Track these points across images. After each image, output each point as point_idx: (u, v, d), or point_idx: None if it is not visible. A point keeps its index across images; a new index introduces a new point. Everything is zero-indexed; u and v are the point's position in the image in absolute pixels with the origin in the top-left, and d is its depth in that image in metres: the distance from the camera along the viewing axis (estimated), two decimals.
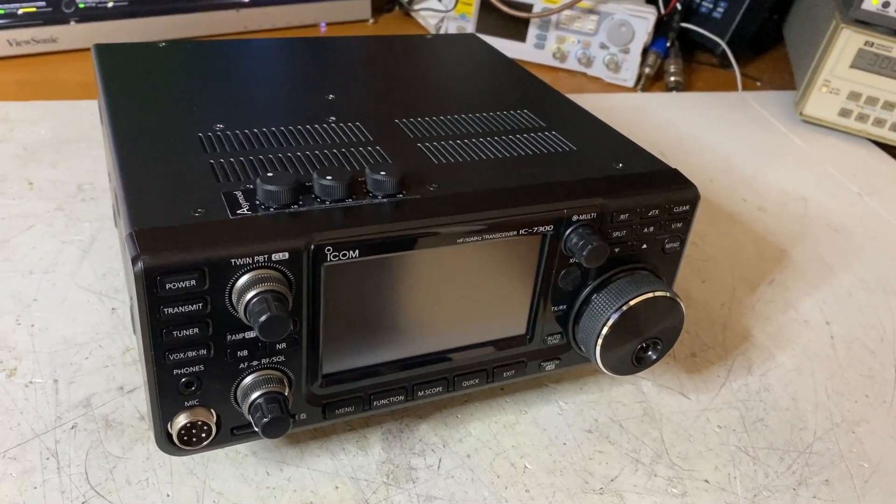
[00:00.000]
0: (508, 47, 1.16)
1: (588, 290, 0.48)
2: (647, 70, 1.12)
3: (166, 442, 0.41)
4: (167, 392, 0.39)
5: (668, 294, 0.48)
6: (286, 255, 0.38)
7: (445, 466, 0.52)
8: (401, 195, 0.43)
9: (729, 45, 1.21)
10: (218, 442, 0.42)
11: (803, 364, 0.65)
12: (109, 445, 0.49)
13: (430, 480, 0.50)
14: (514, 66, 0.68)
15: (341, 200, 0.41)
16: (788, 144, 1.05)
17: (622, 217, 0.46)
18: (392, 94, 0.58)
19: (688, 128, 1.05)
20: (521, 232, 0.44)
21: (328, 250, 0.39)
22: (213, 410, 0.42)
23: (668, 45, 1.17)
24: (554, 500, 0.50)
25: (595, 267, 0.47)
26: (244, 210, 0.40)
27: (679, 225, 0.48)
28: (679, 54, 1.18)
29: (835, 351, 0.67)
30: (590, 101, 1.07)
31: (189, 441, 0.41)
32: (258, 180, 0.40)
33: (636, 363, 0.50)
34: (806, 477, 0.54)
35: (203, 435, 0.41)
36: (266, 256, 0.38)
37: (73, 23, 1.03)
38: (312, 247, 0.39)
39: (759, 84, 1.24)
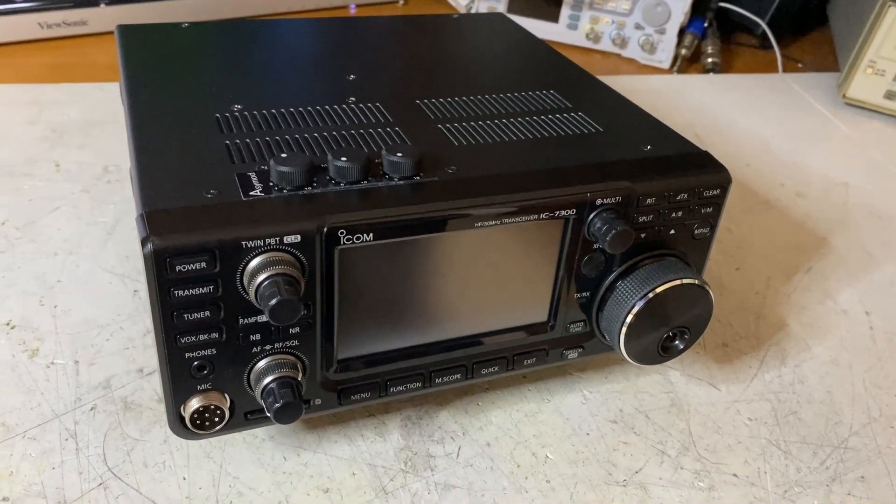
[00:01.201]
0: (540, 28, 1.13)
1: (613, 276, 0.47)
2: (683, 51, 1.09)
3: (179, 426, 0.41)
4: (179, 376, 0.39)
5: (696, 281, 0.46)
6: (298, 237, 0.37)
7: (465, 455, 0.51)
8: (418, 177, 0.41)
9: (769, 26, 1.17)
10: (231, 426, 0.42)
11: (840, 356, 0.62)
12: (127, 427, 0.49)
13: (448, 468, 0.50)
14: (541, 46, 0.66)
15: (356, 182, 0.40)
16: (830, 128, 1.01)
17: (649, 201, 0.44)
18: (414, 74, 0.57)
19: (725, 111, 1.02)
20: (543, 216, 0.42)
21: (341, 233, 0.38)
22: (226, 395, 0.41)
23: (705, 25, 1.13)
24: (575, 491, 0.49)
25: (619, 253, 0.45)
26: (257, 192, 0.39)
27: (709, 210, 0.47)
28: (717, 35, 1.14)
29: (874, 343, 0.64)
30: (623, 83, 1.05)
31: (202, 425, 0.41)
32: (272, 161, 0.39)
33: (662, 353, 0.48)
34: (840, 473, 0.52)
35: (216, 419, 0.41)
36: (278, 239, 0.37)
37: (102, 5, 1.03)
38: (325, 229, 0.38)
39: (800, 66, 1.20)
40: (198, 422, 0.40)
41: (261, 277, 0.36)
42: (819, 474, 0.52)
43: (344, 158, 0.40)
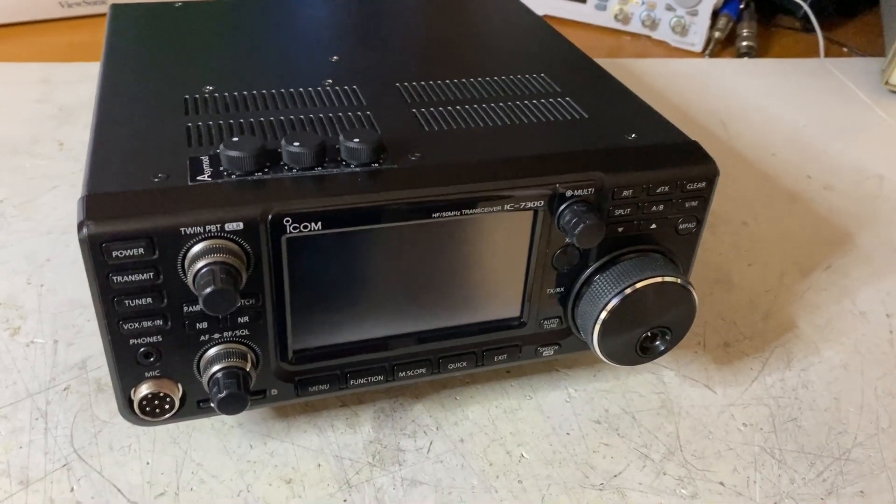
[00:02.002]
0: (567, 9, 1.10)
1: (589, 271, 0.44)
2: (716, 34, 1.04)
3: (129, 412, 0.40)
4: (125, 362, 0.38)
5: (677, 280, 0.43)
6: (240, 225, 0.36)
7: (436, 450, 0.49)
8: (376, 164, 0.40)
9: (812, 8, 1.11)
10: (182, 415, 0.41)
11: (852, 360, 0.59)
12: (98, 409, 0.49)
13: (417, 464, 0.48)
14: (542, 26, 0.63)
15: (310, 168, 0.39)
16: (870, 116, 0.95)
17: (625, 194, 0.42)
18: (401, 55, 0.55)
19: (756, 97, 0.97)
20: (507, 207, 0.40)
21: (287, 221, 0.37)
22: (178, 383, 0.40)
23: (741, 6, 1.08)
24: (548, 493, 0.47)
25: (590, 248, 0.43)
26: (205, 176, 0.38)
27: (694, 204, 0.44)
28: (754, 17, 1.09)
29: (892, 347, 0.60)
30: (651, 68, 1.01)
31: (152, 412, 0.40)
32: (221, 146, 0.38)
33: (641, 353, 0.46)
34: (838, 486, 0.49)
35: (166, 406, 0.40)
36: (218, 226, 0.36)
37: None
38: (270, 217, 0.36)
39: (845, 50, 1.14)
40: (147, 408, 0.40)
41: (198, 265, 0.35)
42: (814, 486, 0.49)
43: (297, 143, 0.38)
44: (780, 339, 0.60)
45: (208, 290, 0.34)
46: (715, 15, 1.04)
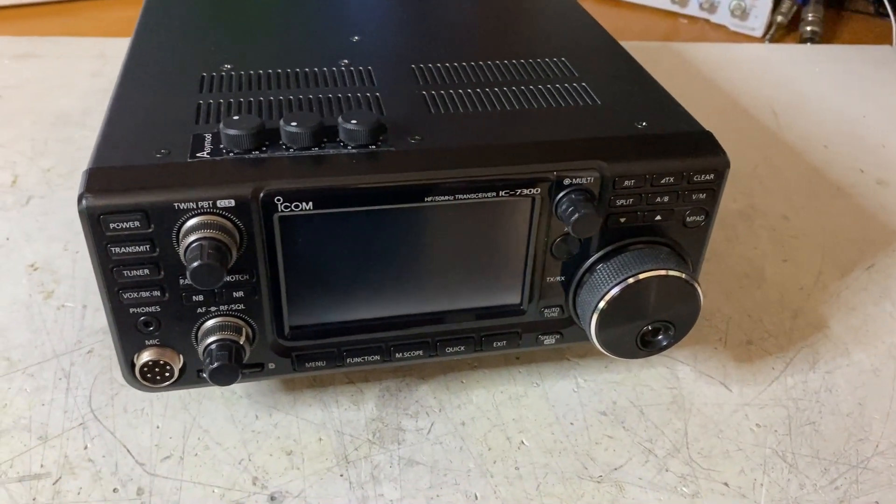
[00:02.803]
0: None
1: (592, 260, 0.44)
2: (779, 18, 1.00)
3: (131, 377, 0.42)
4: (125, 329, 0.40)
5: (681, 275, 0.42)
6: (232, 202, 0.37)
7: (436, 432, 0.50)
8: (373, 146, 0.40)
9: None
10: (182, 383, 0.43)
11: (885, 365, 0.56)
12: (116, 373, 0.52)
13: (416, 444, 0.49)
14: (574, 8, 0.62)
15: (307, 149, 0.39)
16: None
17: (627, 184, 0.41)
18: (421, 36, 0.55)
19: (815, 85, 0.92)
20: (503, 194, 0.40)
21: (278, 200, 0.37)
22: (179, 353, 0.42)
23: None
24: (544, 482, 0.47)
25: (587, 237, 0.42)
26: (204, 153, 0.39)
27: (702, 196, 0.42)
28: (821, 1, 1.03)
29: None
30: (704, 53, 0.97)
31: (152, 379, 0.42)
32: (221, 124, 0.39)
33: (642, 346, 0.45)
34: (851, 495, 0.47)
35: (166, 374, 0.42)
36: (210, 203, 0.37)
37: None
38: (262, 195, 0.37)
39: None
40: (148, 375, 0.41)
41: (189, 239, 0.36)
42: (825, 494, 0.47)
43: (294, 123, 0.39)
44: (807, 340, 0.58)
45: (195, 264, 0.35)
46: None
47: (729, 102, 0.87)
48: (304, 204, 0.38)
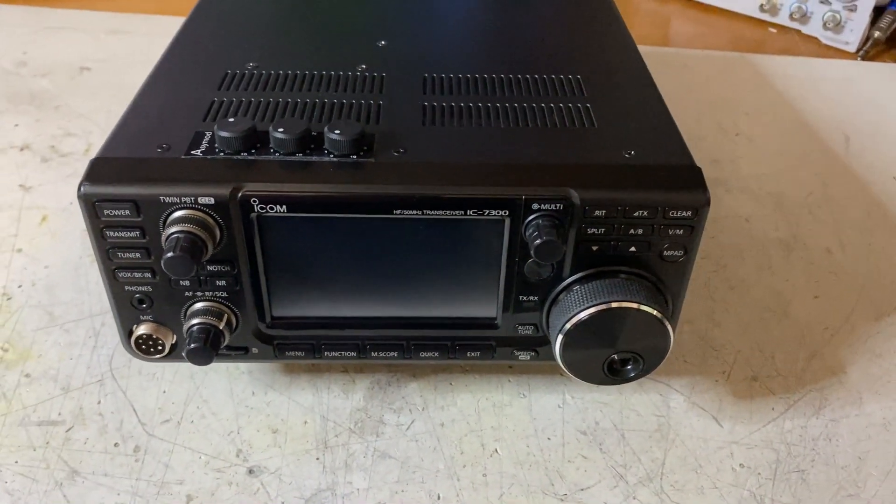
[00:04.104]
0: None
1: (568, 281, 0.44)
2: (876, 34, 0.93)
3: (127, 345, 0.46)
4: (122, 304, 0.44)
5: (652, 311, 0.42)
6: (212, 199, 0.40)
7: (415, 429, 0.52)
8: (355, 156, 0.42)
9: None
10: (173, 358, 0.47)
11: None
12: None
13: (393, 439, 0.51)
14: (611, 22, 0.61)
15: (292, 154, 0.42)
16: None
17: (597, 213, 0.41)
18: (446, 44, 0.56)
19: None
20: (471, 213, 0.41)
21: (254, 201, 0.40)
22: (173, 331, 0.46)
23: None
24: (507, 492, 0.48)
25: (550, 263, 0.42)
26: (198, 151, 0.42)
27: (679, 232, 0.42)
28: None
29: None
30: (786, 67, 0.93)
31: (147, 350, 0.46)
32: (215, 125, 0.42)
33: (608, 373, 0.45)
34: None
35: (159, 348, 0.46)
36: (192, 199, 0.40)
37: None
38: (239, 196, 0.40)
39: None
40: (142, 346, 0.46)
41: (169, 231, 0.39)
42: None
43: (281, 129, 0.41)
44: (819, 383, 0.55)
45: (167, 255, 0.38)
46: (879, 11, 0.93)
47: (798, 122, 0.83)
48: (278, 207, 0.40)
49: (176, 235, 0.39)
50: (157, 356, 0.46)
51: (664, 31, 1.00)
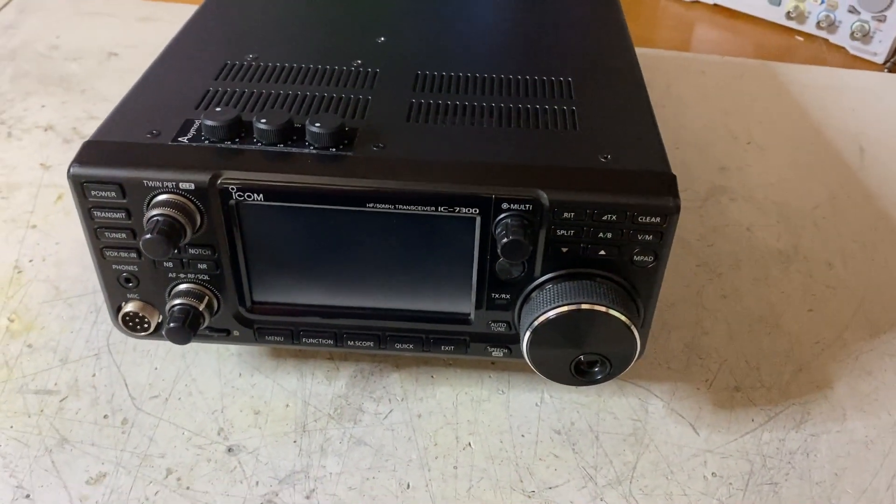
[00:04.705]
0: (740, 0, 1.02)
1: (539, 281, 0.44)
2: None
3: (115, 321, 0.48)
4: (110, 281, 0.46)
5: (619, 316, 0.42)
6: (192, 185, 0.41)
7: (392, 419, 0.53)
8: (334, 149, 0.43)
9: None
10: (158, 336, 0.48)
11: (881, 439, 0.52)
12: None
13: (369, 427, 0.52)
14: (613, 24, 0.61)
15: (273, 145, 0.43)
16: None
17: (566, 215, 0.41)
18: (444, 41, 0.57)
19: None
20: (441, 210, 0.42)
21: (232, 189, 0.42)
22: (158, 310, 0.48)
23: None
24: (476, 486, 0.49)
25: (515, 262, 0.43)
26: (185, 139, 0.43)
27: (649, 238, 0.42)
28: None
29: None
30: (812, 77, 0.91)
31: (133, 327, 0.48)
32: (202, 114, 0.44)
33: (576, 374, 0.45)
34: None
35: (145, 325, 0.48)
36: (174, 184, 0.41)
37: None
38: (218, 183, 0.41)
39: None
40: (129, 323, 0.48)
41: (150, 213, 0.41)
42: None
43: (264, 121, 0.43)
44: (803, 397, 0.55)
45: (145, 236, 0.40)
46: None
47: (813, 132, 0.82)
48: (255, 195, 0.42)
49: (156, 218, 0.41)
50: (143, 333, 0.48)
51: (687, 36, 0.99)
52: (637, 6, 1.07)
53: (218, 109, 0.44)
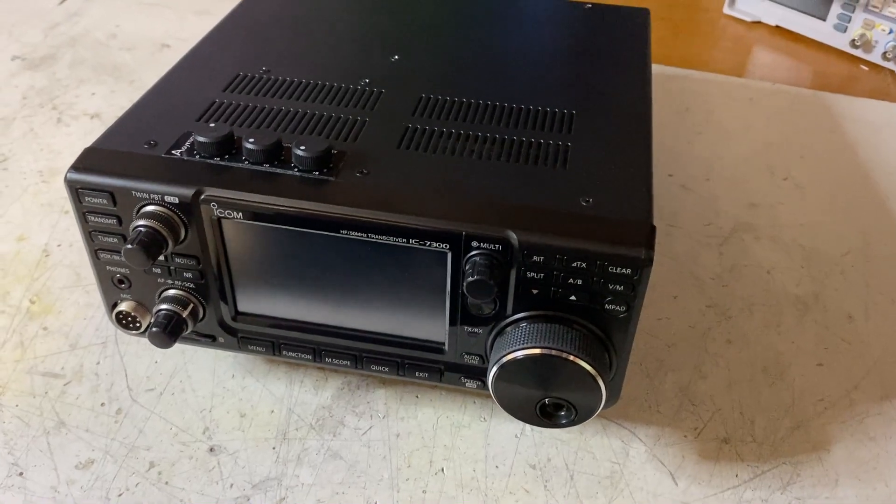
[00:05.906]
0: (804, 24, 0.97)
1: (512, 319, 0.44)
2: None
3: (110, 318, 0.50)
4: (105, 281, 0.48)
5: (585, 365, 0.42)
6: (176, 199, 0.43)
7: (371, 436, 0.53)
8: (318, 172, 0.44)
9: None
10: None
11: None
12: None
13: (347, 441, 0.53)
14: (635, 54, 0.59)
15: (260, 165, 0.44)
16: None
17: (536, 258, 0.41)
18: (456, 65, 0.56)
19: None
20: (413, 242, 0.42)
21: (213, 205, 0.43)
22: (149, 311, 0.49)
23: None
24: None
25: (479, 301, 0.43)
26: (178, 152, 0.45)
27: (620, 288, 0.41)
28: None
29: None
30: (867, 111, 0.87)
31: (126, 325, 0.50)
32: (196, 129, 0.45)
33: (541, 415, 0.45)
34: None
35: (137, 324, 0.50)
36: (160, 196, 0.43)
37: None
38: (201, 198, 0.43)
39: None
40: (123, 321, 0.50)
41: (136, 223, 0.43)
42: None
43: (252, 140, 0.44)
44: (795, 457, 0.53)
45: (126, 246, 0.42)
46: None
47: (858, 171, 0.77)
48: (235, 213, 0.43)
49: (139, 229, 0.42)
50: (135, 332, 0.50)
51: (742, 59, 0.96)
52: (695, 24, 1.03)
53: (212, 125, 0.45)
